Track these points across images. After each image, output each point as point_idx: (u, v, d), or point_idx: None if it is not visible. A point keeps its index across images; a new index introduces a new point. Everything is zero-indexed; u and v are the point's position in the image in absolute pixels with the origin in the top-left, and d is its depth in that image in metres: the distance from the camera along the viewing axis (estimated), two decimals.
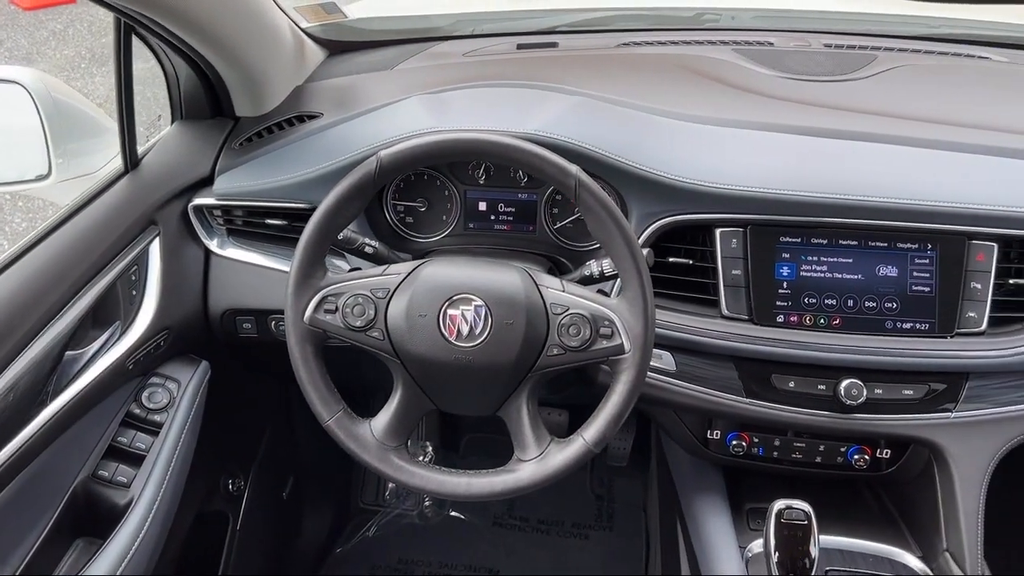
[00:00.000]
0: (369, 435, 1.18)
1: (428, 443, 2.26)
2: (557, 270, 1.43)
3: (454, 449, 2.35)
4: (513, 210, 1.46)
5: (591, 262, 1.23)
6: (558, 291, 1.15)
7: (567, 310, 1.13)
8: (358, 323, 1.14)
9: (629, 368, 1.12)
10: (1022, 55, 1.74)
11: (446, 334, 1.12)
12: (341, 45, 1.88)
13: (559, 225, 1.45)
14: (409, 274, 1.16)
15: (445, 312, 1.12)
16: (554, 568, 2.09)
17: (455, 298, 1.13)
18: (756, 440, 1.41)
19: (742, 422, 1.40)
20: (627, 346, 1.12)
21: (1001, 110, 1.46)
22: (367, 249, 1.26)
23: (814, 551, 1.15)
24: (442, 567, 2.09)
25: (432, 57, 1.76)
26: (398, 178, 1.46)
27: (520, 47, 1.79)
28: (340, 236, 1.23)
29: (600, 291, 1.19)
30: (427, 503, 2.24)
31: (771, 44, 1.76)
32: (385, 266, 1.19)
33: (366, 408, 1.25)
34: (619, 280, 1.25)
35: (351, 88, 1.62)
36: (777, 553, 1.16)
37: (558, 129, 1.29)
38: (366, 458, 1.17)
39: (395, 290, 1.15)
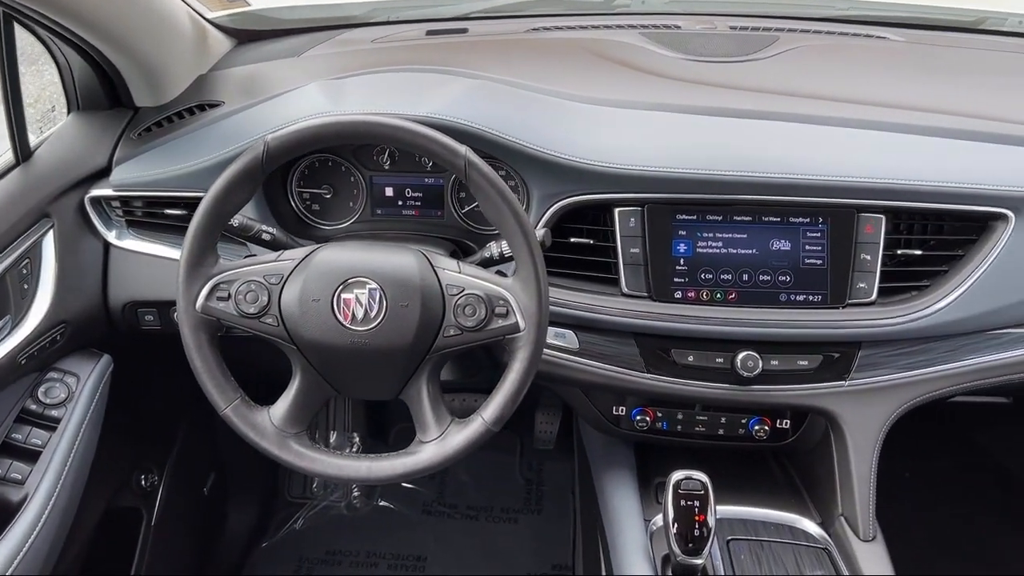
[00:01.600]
0: (267, 423, 1.17)
1: (355, 434, 2.26)
2: (464, 255, 1.43)
3: (383, 439, 2.35)
4: (420, 195, 1.46)
5: (491, 244, 1.24)
6: (454, 272, 1.16)
7: (463, 291, 1.14)
8: (251, 310, 1.14)
9: (525, 346, 1.13)
10: (918, 34, 1.79)
11: (340, 318, 1.12)
12: (251, 34, 1.86)
13: (467, 209, 1.46)
14: (303, 259, 1.15)
15: (339, 296, 1.12)
16: (482, 553, 2.10)
17: (349, 281, 1.12)
18: (660, 415, 1.43)
19: (645, 398, 1.42)
20: (522, 324, 1.13)
21: (894, 87, 1.50)
22: (264, 236, 1.25)
23: (711, 520, 1.17)
24: (369, 556, 2.08)
25: (340, 44, 1.75)
26: (302, 165, 1.46)
27: (430, 33, 1.78)
28: (236, 223, 1.22)
29: (499, 272, 1.20)
30: (355, 494, 2.24)
31: (678, 27, 1.78)
32: (280, 252, 1.19)
33: (272, 397, 1.24)
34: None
35: (255, 76, 1.60)
36: (676, 524, 1.18)
37: (454, 111, 1.29)
38: (264, 445, 1.16)
39: (289, 276, 1.14)
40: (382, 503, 2.24)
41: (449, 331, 1.14)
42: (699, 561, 1.18)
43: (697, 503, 1.18)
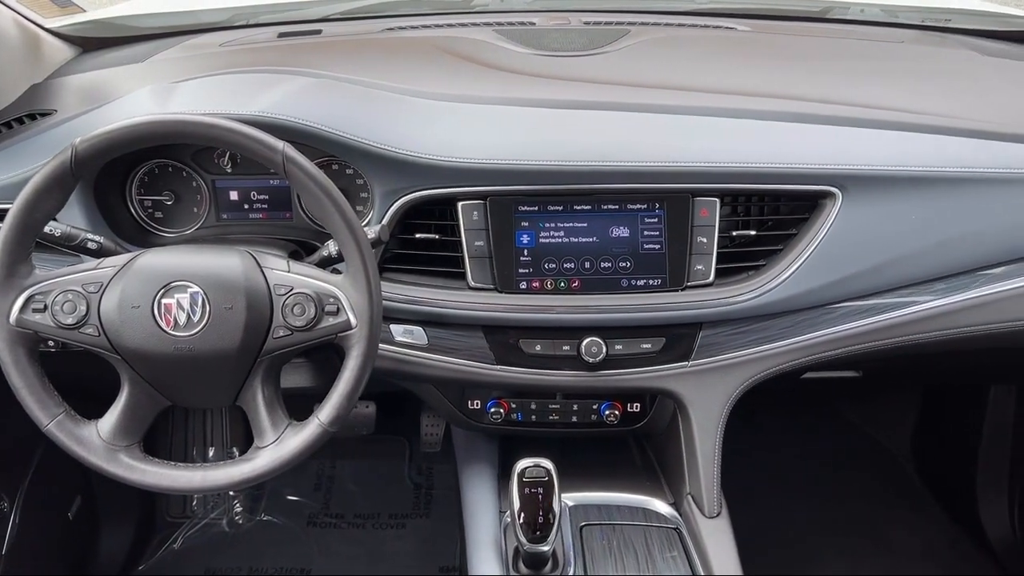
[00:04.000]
0: (95, 437, 1.13)
1: (235, 448, 2.20)
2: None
3: None
4: (267, 197, 1.44)
5: (329, 242, 1.22)
6: (282, 272, 1.14)
7: (291, 290, 1.12)
8: (69, 320, 1.09)
9: (358, 343, 1.12)
10: (765, 24, 1.85)
11: (162, 324, 1.09)
12: (99, 42, 1.80)
13: None
14: (124, 266, 1.12)
15: (159, 301, 1.09)
16: (368, 561, 2.08)
17: (170, 286, 1.09)
18: (514, 406, 1.44)
19: (498, 390, 1.43)
20: (353, 321, 1.12)
21: (736, 74, 1.54)
22: (91, 245, 1.21)
23: (557, 507, 1.18)
24: (252, 572, 2.03)
25: (187, 49, 1.71)
26: (140, 171, 1.41)
27: (282, 35, 1.76)
28: (58, 233, 1.17)
29: (335, 270, 1.18)
30: (237, 509, 2.18)
31: (533, 24, 1.80)
32: (100, 259, 1.15)
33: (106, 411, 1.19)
34: None
35: (95, 83, 1.55)
36: (522, 513, 1.18)
37: (287, 109, 1.27)
38: (93, 460, 1.12)
39: (108, 283, 1.11)
40: (265, 517, 2.19)
41: (279, 332, 1.12)
42: (546, 548, 1.18)
43: (542, 490, 1.18)
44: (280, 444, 1.13)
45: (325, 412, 1.13)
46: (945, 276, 1.36)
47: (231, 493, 2.20)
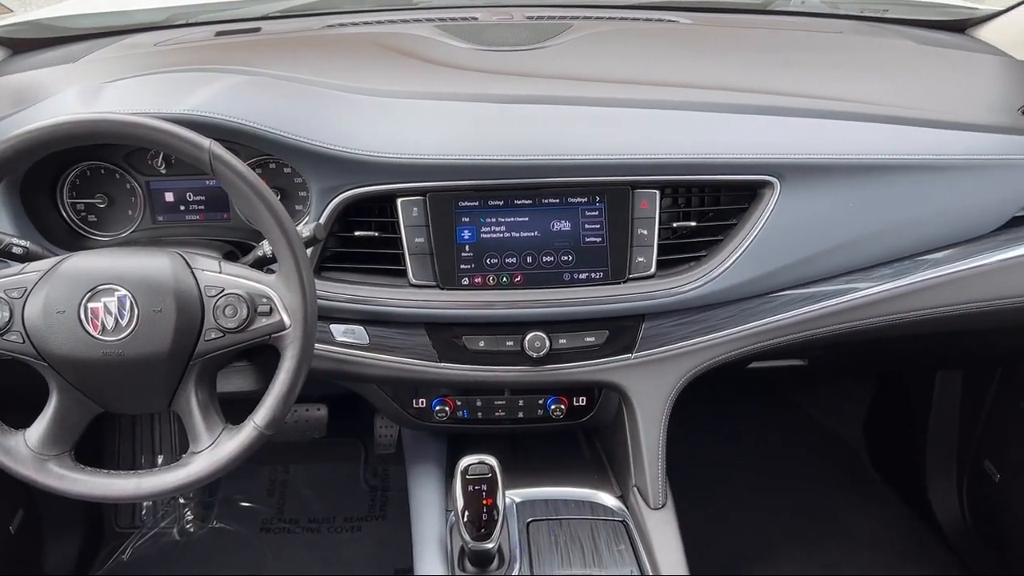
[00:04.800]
0: (22, 446, 1.10)
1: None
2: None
3: None
4: (203, 198, 1.41)
5: (264, 242, 1.20)
6: (213, 273, 1.11)
7: (222, 291, 1.10)
8: None
9: (293, 343, 1.10)
10: (706, 17, 1.86)
11: (89, 329, 1.06)
12: (28, 43, 1.76)
13: None
14: (49, 270, 1.09)
15: (85, 306, 1.06)
16: (323, 565, 2.05)
17: (96, 289, 1.07)
18: (459, 404, 1.43)
19: (443, 387, 1.41)
20: (287, 321, 1.10)
21: (677, 67, 1.55)
22: (16, 250, 1.17)
23: (501, 503, 1.17)
24: None
25: (121, 49, 1.67)
26: (71, 174, 1.38)
27: (220, 34, 1.73)
28: None
29: (270, 271, 1.16)
30: (188, 517, 2.15)
31: (476, 19, 1.79)
32: (24, 264, 1.12)
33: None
34: None
35: (23, 84, 1.50)
36: (466, 511, 1.17)
37: (217, 108, 1.25)
38: (21, 471, 1.09)
39: (32, 288, 1.08)
40: (217, 525, 2.15)
41: (210, 334, 1.09)
42: (490, 545, 1.17)
43: (485, 487, 1.17)
44: (215, 448, 1.11)
45: (261, 415, 1.10)
46: (890, 261, 1.37)
47: (181, 501, 2.17)
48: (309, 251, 1.28)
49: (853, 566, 1.98)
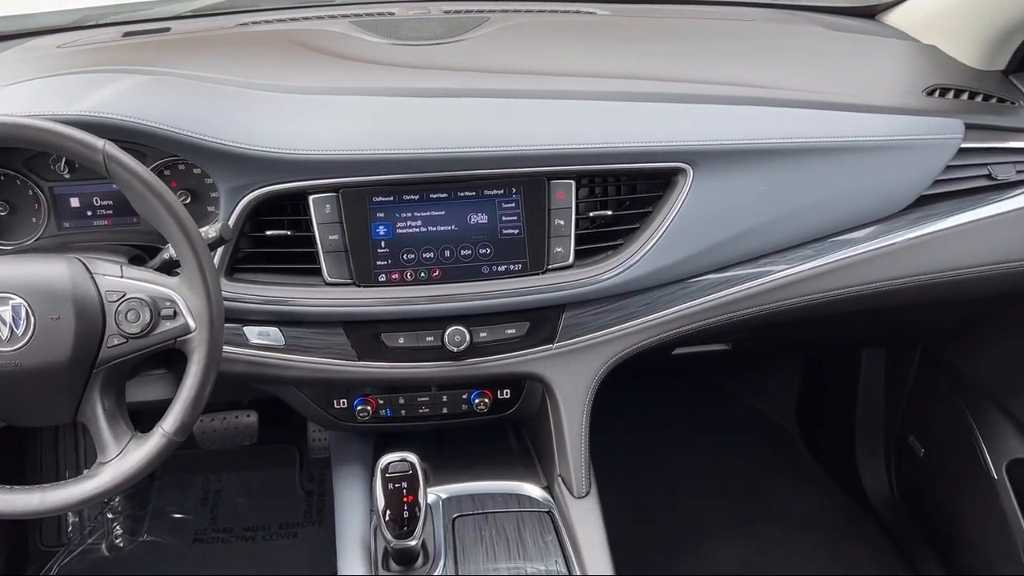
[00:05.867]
0: None
1: None
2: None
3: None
4: (111, 203, 1.37)
5: (169, 244, 1.17)
6: (114, 277, 1.08)
7: (124, 296, 1.07)
8: None
9: (199, 347, 1.07)
10: (622, 8, 1.87)
11: None
12: None
13: None
14: None
15: None
16: (258, 573, 2.01)
17: None
18: (381, 402, 1.41)
19: (364, 387, 1.40)
20: (192, 325, 1.07)
21: (593, 58, 1.55)
22: None
23: (422, 500, 1.16)
24: None
25: (21, 52, 1.61)
26: None
27: (127, 35, 1.68)
28: None
29: (176, 274, 1.13)
30: (117, 532, 2.09)
31: (392, 14, 1.77)
32: None
33: None
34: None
35: None
36: (388, 510, 1.15)
37: (117, 108, 1.21)
38: None
39: None
40: (148, 538, 2.10)
41: (113, 340, 1.06)
42: (413, 543, 1.16)
43: (406, 484, 1.16)
44: (123, 458, 1.08)
45: (169, 421, 1.08)
46: (811, 241, 1.39)
47: (109, 515, 2.11)
48: (219, 252, 1.26)
49: (787, 546, 2.01)
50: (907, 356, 1.99)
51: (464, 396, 1.41)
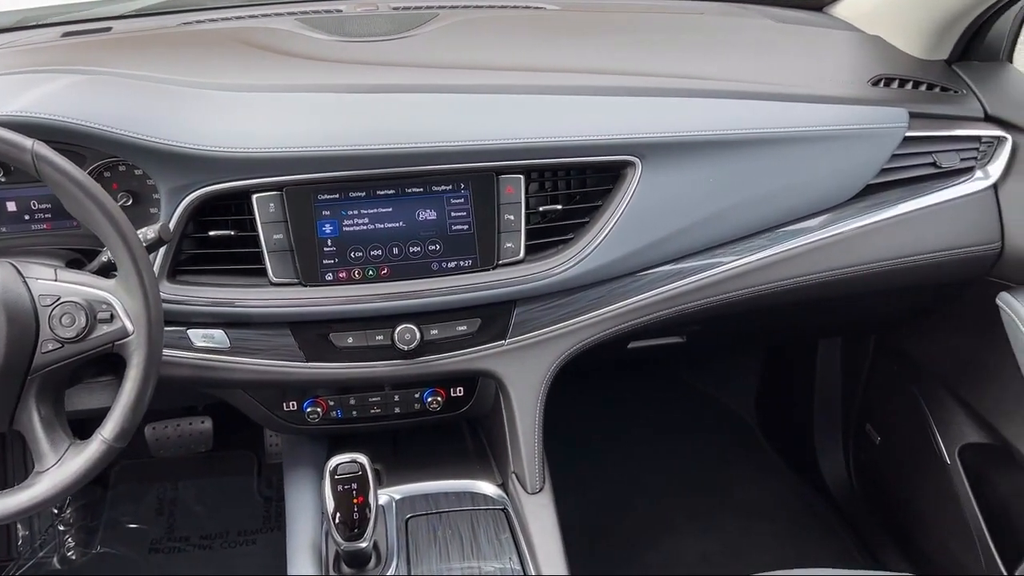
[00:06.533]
0: None
1: None
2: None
3: (99, 482, 2.16)
4: (50, 206, 1.33)
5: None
6: (48, 281, 1.05)
7: (58, 300, 1.04)
8: None
9: (137, 350, 1.05)
10: (573, 2, 1.86)
11: None
12: None
13: None
14: None
15: None
16: None
17: None
18: (332, 404, 1.39)
19: (314, 388, 1.38)
20: (130, 328, 1.04)
21: (542, 53, 1.54)
22: None
23: (374, 501, 1.14)
24: None
25: None
26: None
27: (66, 35, 1.64)
28: None
29: (114, 276, 1.10)
30: (69, 544, 2.04)
31: (340, 11, 1.75)
32: None
33: None
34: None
35: None
36: (338, 513, 1.13)
37: (51, 109, 1.18)
38: None
39: None
40: (102, 550, 2.05)
41: (48, 346, 1.03)
42: (363, 544, 1.14)
43: (355, 485, 1.14)
44: (61, 466, 1.05)
45: (109, 427, 1.05)
46: (763, 231, 1.40)
47: (61, 527, 2.06)
48: (160, 253, 1.23)
49: (748, 538, 2.02)
50: (862, 346, 2.01)
51: (416, 395, 1.39)
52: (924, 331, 1.79)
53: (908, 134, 1.41)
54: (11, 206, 1.33)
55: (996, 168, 1.45)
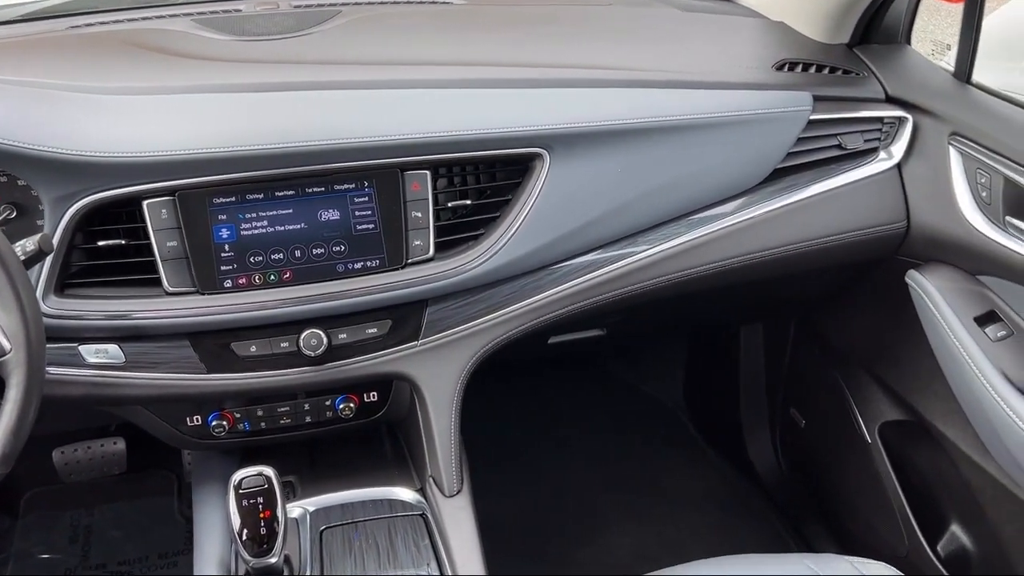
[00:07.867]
0: None
1: None
2: None
3: (10, 512, 2.06)
4: None
5: None
6: None
7: None
8: None
9: (16, 369, 0.98)
10: None
11: None
12: None
13: None
14: None
15: None
16: None
17: None
18: (238, 416, 1.33)
19: (218, 401, 1.32)
20: (7, 346, 0.98)
21: (447, 47, 1.52)
22: None
23: (281, 515, 1.10)
24: None
25: None
26: None
27: None
28: None
29: None
30: None
31: (239, 11, 1.69)
32: None
33: None
34: None
35: None
36: (245, 529, 1.08)
37: None
38: None
39: None
40: None
41: None
42: (273, 560, 1.09)
43: (262, 499, 1.09)
44: None
45: None
46: (673, 220, 1.39)
47: None
48: (46, 266, 1.16)
49: (680, 528, 2.02)
50: (783, 330, 2.02)
51: (328, 403, 1.35)
52: (840, 313, 1.81)
53: (812, 117, 1.41)
54: None
55: (899, 148, 1.47)
